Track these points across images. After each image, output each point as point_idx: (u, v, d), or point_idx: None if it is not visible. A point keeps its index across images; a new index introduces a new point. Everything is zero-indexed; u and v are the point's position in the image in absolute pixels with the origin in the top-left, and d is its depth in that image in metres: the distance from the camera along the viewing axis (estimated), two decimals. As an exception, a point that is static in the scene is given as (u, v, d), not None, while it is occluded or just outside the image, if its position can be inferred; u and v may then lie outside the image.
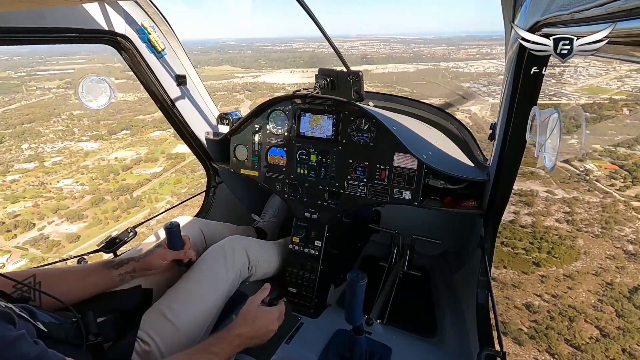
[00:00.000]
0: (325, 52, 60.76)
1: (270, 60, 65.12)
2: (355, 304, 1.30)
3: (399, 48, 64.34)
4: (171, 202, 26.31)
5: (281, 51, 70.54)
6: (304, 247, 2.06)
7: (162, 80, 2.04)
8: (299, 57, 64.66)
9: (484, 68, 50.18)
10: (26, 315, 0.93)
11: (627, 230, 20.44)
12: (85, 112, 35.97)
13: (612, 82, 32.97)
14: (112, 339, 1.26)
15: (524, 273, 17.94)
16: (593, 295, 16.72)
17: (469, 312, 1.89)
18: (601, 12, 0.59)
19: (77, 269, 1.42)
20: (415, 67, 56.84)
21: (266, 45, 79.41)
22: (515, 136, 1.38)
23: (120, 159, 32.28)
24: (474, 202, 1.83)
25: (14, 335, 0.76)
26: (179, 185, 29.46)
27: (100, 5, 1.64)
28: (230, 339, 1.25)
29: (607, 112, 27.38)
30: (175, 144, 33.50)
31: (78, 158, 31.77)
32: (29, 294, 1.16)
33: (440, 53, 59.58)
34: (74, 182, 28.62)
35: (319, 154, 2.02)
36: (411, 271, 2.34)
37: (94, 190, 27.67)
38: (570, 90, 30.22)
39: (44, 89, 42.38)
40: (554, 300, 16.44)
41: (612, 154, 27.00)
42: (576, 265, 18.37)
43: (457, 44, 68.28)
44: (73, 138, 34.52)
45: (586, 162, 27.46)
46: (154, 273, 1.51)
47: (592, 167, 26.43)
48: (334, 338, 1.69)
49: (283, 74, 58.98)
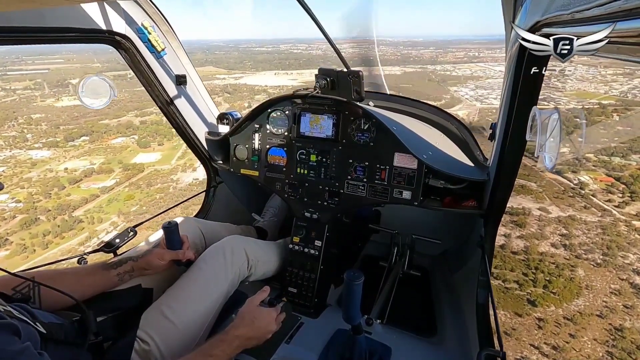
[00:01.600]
0: (313, 53, 59.60)
1: (256, 61, 64.10)
2: (352, 303, 1.30)
3: (387, 50, 63.77)
4: (115, 224, 24.43)
5: (268, 52, 69.43)
6: (304, 247, 2.06)
7: (162, 80, 2.04)
8: (286, 59, 63.77)
9: (471, 71, 49.86)
10: (26, 317, 0.93)
11: (632, 258, 18.45)
12: (45, 116, 33.64)
13: (600, 87, 32.42)
14: (112, 339, 1.26)
15: (517, 315, 15.87)
16: (600, 345, 14.43)
17: (468, 312, 1.89)
18: (601, 12, 0.59)
19: (76, 269, 1.42)
20: (402, 70, 55.87)
21: (253, 46, 78.02)
22: (515, 136, 1.38)
23: (70, 170, 29.77)
24: (474, 202, 1.83)
25: (18, 349, 0.75)
26: (130, 202, 27.28)
27: (100, 5, 1.64)
28: (230, 340, 1.25)
29: (597, 118, 26.01)
30: (136, 152, 32.12)
31: (23, 169, 29.03)
32: (29, 294, 1.16)
33: (428, 56, 58.98)
34: (10, 198, 25.57)
35: (319, 154, 2.02)
36: (411, 271, 2.34)
37: (28, 209, 24.98)
38: (559, 95, 29.73)
39: (10, 90, 40.25)
40: (555, 355, 14.16)
41: (607, 164, 25.66)
42: (578, 303, 16.28)
43: (445, 46, 67.68)
44: (24, 145, 31.96)
45: (580, 173, 26.03)
46: (153, 273, 1.51)
47: (586, 179, 25.04)
48: (334, 338, 1.69)
49: (267, 75, 58.09)
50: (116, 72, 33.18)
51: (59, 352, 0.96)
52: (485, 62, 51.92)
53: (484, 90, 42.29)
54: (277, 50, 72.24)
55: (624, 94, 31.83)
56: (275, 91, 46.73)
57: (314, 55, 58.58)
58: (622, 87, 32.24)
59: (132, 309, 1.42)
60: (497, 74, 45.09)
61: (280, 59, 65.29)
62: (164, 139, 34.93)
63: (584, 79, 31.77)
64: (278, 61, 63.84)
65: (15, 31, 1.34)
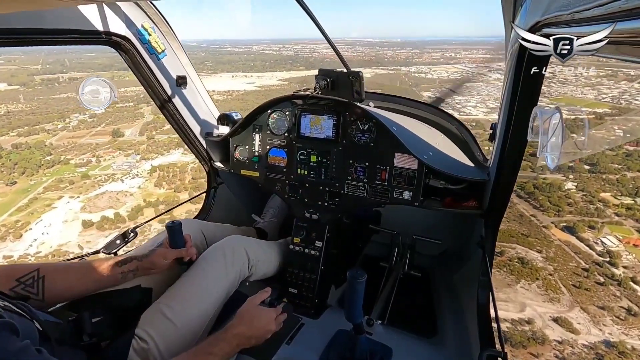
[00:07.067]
0: (285, 54, 56.76)
1: (218, 63, 58.99)
2: (355, 301, 1.30)
3: (362, 51, 59.67)
4: None
5: (237, 54, 65.54)
6: (305, 247, 2.06)
7: (162, 81, 2.04)
8: (252, 61, 60.14)
9: (447, 74, 45.88)
10: (25, 314, 0.93)
11: None
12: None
13: (587, 91, 28.42)
14: (109, 338, 1.26)
15: None
16: None
17: (469, 312, 1.89)
18: (601, 12, 0.59)
19: (81, 264, 1.43)
20: (373, 72, 51.08)
21: (226, 47, 73.83)
22: (515, 136, 1.38)
23: None
24: (474, 202, 1.83)
25: (17, 348, 0.75)
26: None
27: (100, 6, 1.64)
28: (229, 339, 1.25)
29: (597, 133, 16.10)
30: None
31: None
32: (32, 290, 1.16)
33: (403, 56, 55.83)
34: None
35: (320, 155, 2.02)
36: (412, 271, 2.34)
37: None
38: (546, 102, 28.42)
39: None
40: None
41: (634, 209, 16.89)
42: None
43: (422, 47, 64.82)
44: None
45: (601, 229, 16.67)
46: (156, 272, 1.51)
47: (612, 243, 15.83)
48: (335, 338, 1.69)
49: (223, 78, 53.73)
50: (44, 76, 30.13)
51: (55, 351, 0.96)
52: (461, 64, 49.12)
53: (460, 97, 35.56)
54: (249, 51, 68.63)
55: (616, 100, 28.34)
56: (221, 97, 41.91)
57: (284, 56, 55.77)
58: (612, 92, 29.07)
59: (131, 308, 1.42)
60: (475, 76, 40.43)
61: (246, 60, 61.33)
62: (25, 176, 27.58)
63: (568, 81, 28.05)
64: (243, 62, 59.77)
65: (15, 33, 1.34)
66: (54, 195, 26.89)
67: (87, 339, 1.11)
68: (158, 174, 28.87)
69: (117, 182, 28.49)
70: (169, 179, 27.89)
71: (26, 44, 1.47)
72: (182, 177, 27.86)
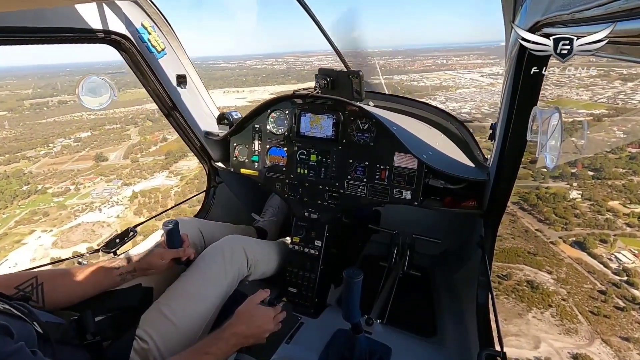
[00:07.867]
0: (277, 68, 54.74)
1: (211, 79, 56.32)
2: (351, 300, 1.30)
3: (354, 62, 60.91)
4: None
5: (230, 69, 63.96)
6: (304, 247, 2.06)
7: (162, 80, 2.04)
8: (245, 76, 58.35)
9: (440, 80, 44.74)
10: (24, 315, 0.93)
11: None
12: None
13: (581, 92, 26.24)
14: (111, 338, 1.26)
15: None
16: None
17: (469, 312, 1.89)
18: (601, 12, 0.59)
19: (79, 269, 1.42)
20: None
21: (219, 63, 71.77)
22: (515, 136, 1.38)
23: None
24: (474, 202, 1.83)
25: (11, 350, 0.75)
26: None
27: (100, 5, 1.63)
28: (227, 338, 1.25)
29: (596, 135, 16.56)
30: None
31: None
32: (32, 297, 1.16)
33: (395, 65, 54.75)
34: None
35: (319, 154, 2.02)
36: (411, 271, 2.34)
37: None
38: (542, 105, 27.65)
39: None
40: None
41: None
42: None
43: (414, 55, 63.41)
44: None
45: (615, 245, 15.09)
46: (154, 273, 1.51)
47: (629, 259, 14.22)
48: (334, 338, 1.69)
49: (215, 94, 52.41)
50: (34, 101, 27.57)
51: (55, 352, 0.96)
52: (454, 70, 49.16)
53: (455, 103, 34.67)
54: (242, 66, 66.63)
55: (612, 100, 26.64)
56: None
57: (277, 71, 54.68)
58: (606, 92, 27.22)
59: (132, 308, 1.42)
60: (467, 82, 40.04)
61: (239, 75, 59.59)
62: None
63: (561, 83, 28.81)
64: (235, 78, 57.95)
65: (16, 31, 1.34)
66: (26, 230, 24.47)
67: (90, 337, 1.11)
68: (139, 201, 26.92)
69: (95, 212, 26.27)
70: (150, 206, 25.91)
71: (26, 43, 1.46)
72: (164, 202, 26.10)
